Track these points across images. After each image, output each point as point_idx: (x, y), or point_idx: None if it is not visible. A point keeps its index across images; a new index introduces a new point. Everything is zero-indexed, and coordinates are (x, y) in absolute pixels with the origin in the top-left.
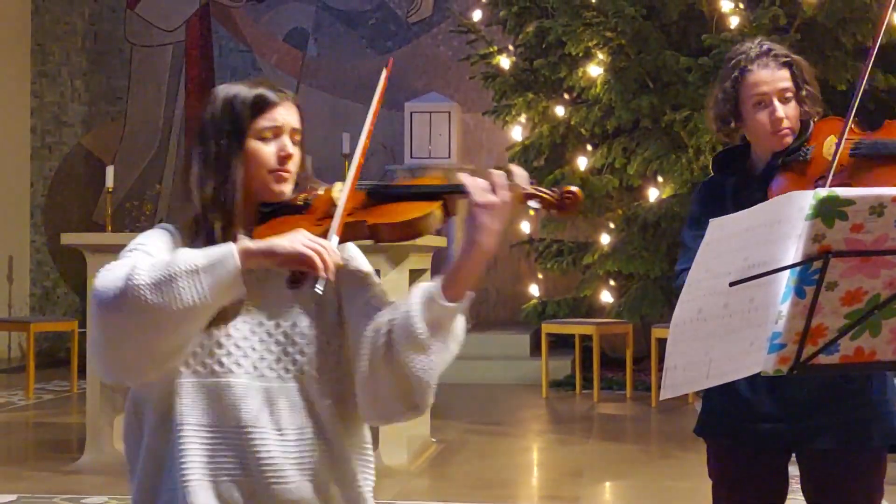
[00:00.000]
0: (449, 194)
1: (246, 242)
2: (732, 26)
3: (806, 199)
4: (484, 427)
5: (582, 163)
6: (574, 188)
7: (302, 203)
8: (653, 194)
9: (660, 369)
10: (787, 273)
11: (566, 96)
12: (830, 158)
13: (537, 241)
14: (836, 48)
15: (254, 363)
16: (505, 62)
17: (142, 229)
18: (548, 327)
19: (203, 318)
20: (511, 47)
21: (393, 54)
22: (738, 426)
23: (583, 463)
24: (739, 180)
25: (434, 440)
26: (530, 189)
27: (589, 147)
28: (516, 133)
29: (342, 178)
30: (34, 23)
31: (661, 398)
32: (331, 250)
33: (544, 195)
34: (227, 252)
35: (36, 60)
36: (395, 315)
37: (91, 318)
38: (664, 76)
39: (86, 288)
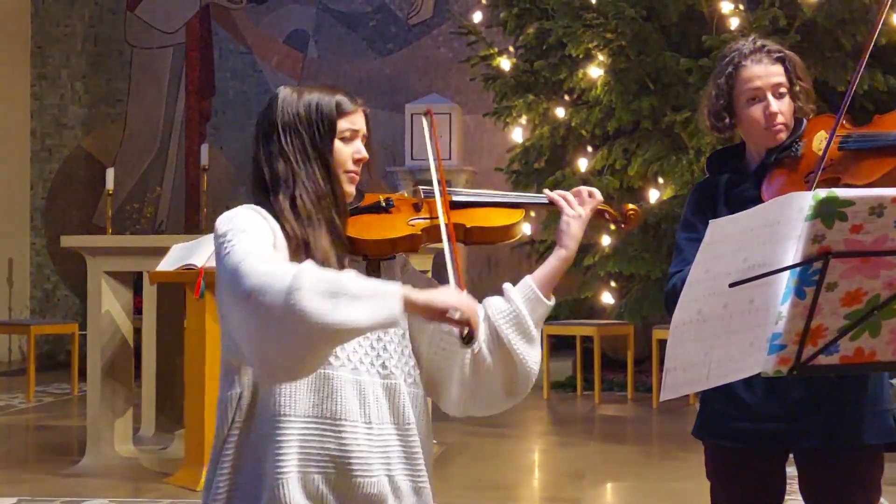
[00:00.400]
0: (535, 206)
1: (409, 292)
2: (732, 27)
3: (805, 200)
4: (485, 429)
5: (582, 164)
6: (634, 205)
7: (384, 203)
8: (653, 196)
9: (661, 370)
10: (786, 274)
11: (566, 98)
12: (820, 153)
13: (538, 242)
14: (835, 49)
15: (348, 355)
16: (505, 64)
17: (142, 232)
18: (549, 328)
19: (344, 341)
20: (511, 49)
21: (393, 56)
22: (735, 427)
23: (584, 464)
24: (732, 178)
25: (435, 442)
26: (602, 206)
27: (589, 148)
28: (517, 134)
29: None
30: (34, 25)
31: (661, 399)
32: (479, 311)
33: (612, 211)
34: (394, 295)
35: (36, 63)
36: (495, 313)
37: (243, 310)
38: (664, 77)
39: (85, 290)
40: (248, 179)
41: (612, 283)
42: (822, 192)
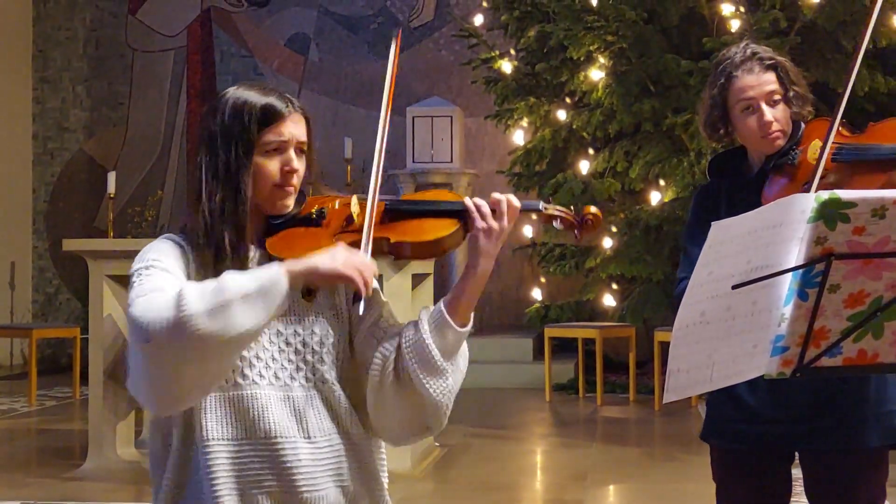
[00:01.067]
0: (463, 213)
1: (289, 263)
2: (733, 30)
3: (808, 202)
4: (487, 431)
5: (584, 166)
6: (594, 209)
7: (315, 215)
8: (655, 198)
9: (663, 372)
10: (789, 276)
11: (568, 100)
12: (814, 164)
13: (540, 245)
14: (836, 51)
15: (275, 373)
16: (507, 66)
17: (144, 235)
18: (551, 331)
19: (252, 341)
20: (513, 51)
21: None
22: (740, 429)
23: (586, 466)
24: (734, 183)
25: (437, 444)
26: (551, 210)
27: (591, 151)
28: (518, 137)
29: (344, 183)
30: (35, 29)
31: (664, 401)
32: (370, 268)
33: (566, 215)
34: (277, 275)
35: (37, 66)
36: (404, 341)
37: (133, 352)
38: (665, 80)
39: (87, 294)
40: None
41: (614, 286)
42: (825, 194)
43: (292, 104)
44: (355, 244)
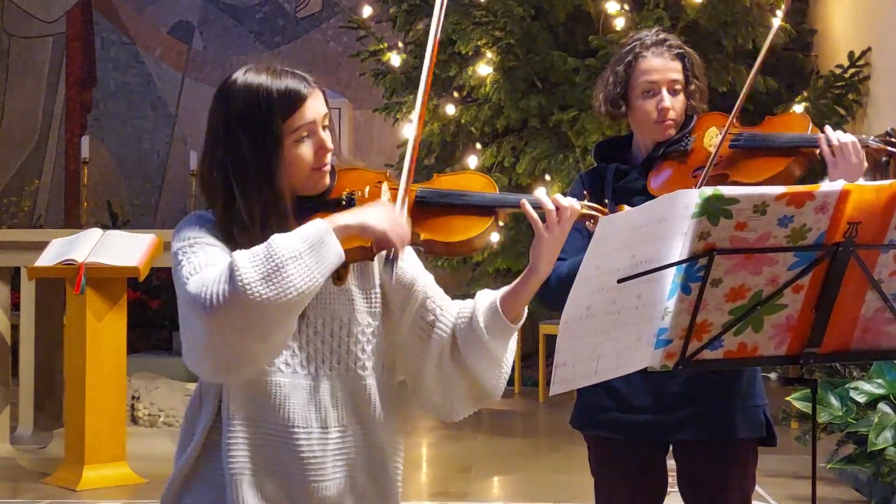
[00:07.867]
0: (502, 208)
1: (333, 218)
2: (618, 28)
3: (692, 198)
4: None
5: (472, 161)
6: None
7: (345, 201)
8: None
9: (547, 365)
10: (673, 270)
11: (456, 95)
12: (711, 149)
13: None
14: (717, 51)
15: (301, 361)
16: (395, 59)
17: (20, 226)
18: None
19: (309, 301)
20: (401, 44)
21: (281, 49)
22: (612, 418)
23: (471, 458)
24: (619, 169)
25: None
26: (585, 210)
27: (479, 146)
28: (407, 130)
29: None
30: None
31: (550, 394)
32: (409, 236)
33: (596, 211)
34: (324, 231)
35: None
36: (459, 336)
37: (192, 324)
38: (552, 76)
39: None
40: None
41: (500, 280)
42: (709, 191)
43: (308, 81)
44: None
